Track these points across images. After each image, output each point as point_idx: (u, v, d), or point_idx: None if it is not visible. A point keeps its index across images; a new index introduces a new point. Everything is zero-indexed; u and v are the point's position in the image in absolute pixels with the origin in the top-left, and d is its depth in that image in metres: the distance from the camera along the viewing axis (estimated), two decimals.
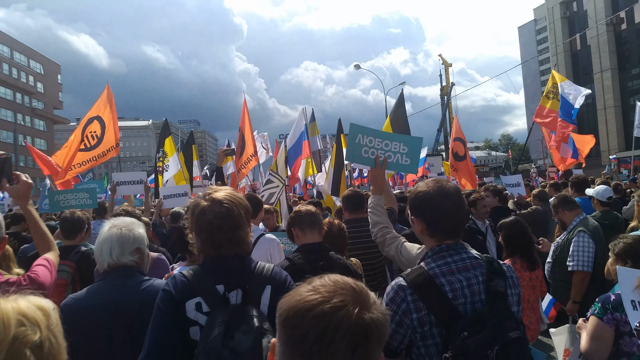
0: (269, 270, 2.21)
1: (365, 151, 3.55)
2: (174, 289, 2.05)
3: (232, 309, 1.98)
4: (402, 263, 2.78)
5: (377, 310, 1.02)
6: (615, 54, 48.75)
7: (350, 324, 0.96)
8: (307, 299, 1.00)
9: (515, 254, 4.48)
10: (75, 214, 4.47)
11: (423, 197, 2.15)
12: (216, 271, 2.12)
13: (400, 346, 1.99)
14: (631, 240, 3.13)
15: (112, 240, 2.58)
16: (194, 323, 2.00)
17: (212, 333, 1.85)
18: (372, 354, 1.00)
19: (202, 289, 2.05)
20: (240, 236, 2.18)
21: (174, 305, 2.02)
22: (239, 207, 2.18)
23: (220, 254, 2.15)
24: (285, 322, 1.01)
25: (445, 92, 57.07)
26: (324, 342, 0.94)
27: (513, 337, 1.82)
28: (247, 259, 2.23)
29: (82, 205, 7.19)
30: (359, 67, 38.55)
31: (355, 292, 1.03)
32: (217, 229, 2.11)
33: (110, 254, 2.56)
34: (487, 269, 2.04)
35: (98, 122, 9.96)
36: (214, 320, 1.91)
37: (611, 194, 6.15)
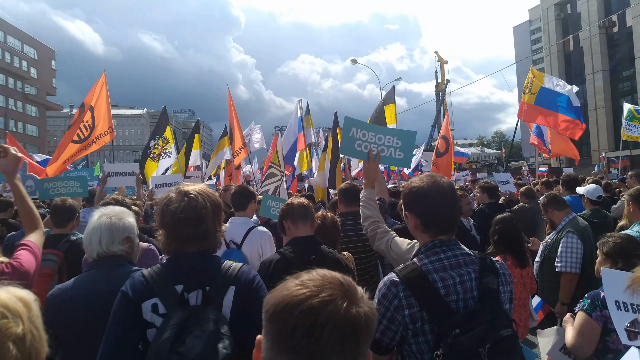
0: (234, 270, 2.08)
1: (359, 144, 3.53)
2: (131, 290, 1.97)
3: (189, 311, 1.87)
4: (392, 258, 2.77)
5: (365, 305, 1.01)
6: (607, 56, 49.08)
7: (338, 319, 0.95)
8: (295, 293, 0.99)
9: (506, 251, 4.48)
10: (66, 202, 4.41)
11: (417, 192, 2.14)
12: (176, 270, 2.02)
13: (392, 343, 1.98)
14: (620, 240, 3.14)
15: (101, 229, 2.53)
16: (150, 325, 1.91)
17: (163, 336, 1.75)
18: (360, 348, 0.99)
19: (159, 289, 1.95)
20: (206, 231, 2.08)
21: (130, 306, 1.93)
22: (206, 201, 2.09)
23: (183, 252, 2.05)
24: (273, 316, 1.00)
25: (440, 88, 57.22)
26: (312, 336, 0.93)
27: (505, 335, 1.82)
28: (212, 257, 2.13)
29: (73, 194, 7.09)
30: (355, 62, 38.52)
31: (344, 287, 1.02)
32: (180, 221, 2.02)
33: (99, 243, 2.52)
34: (480, 266, 2.03)
35: (90, 111, 9.87)
36: (167, 323, 1.82)
37: (601, 192, 6.20)
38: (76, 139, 9.57)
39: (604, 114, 47.60)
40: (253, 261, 3.96)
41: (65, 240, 4.12)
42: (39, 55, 71.69)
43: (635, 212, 4.40)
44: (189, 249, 2.06)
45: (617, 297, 2.31)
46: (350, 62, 38.39)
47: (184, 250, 2.06)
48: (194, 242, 2.05)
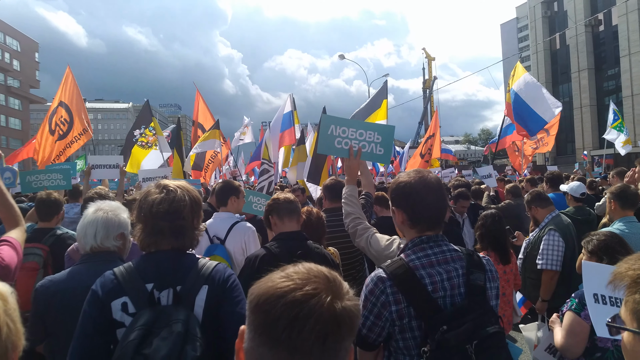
0: (208, 268, 2.02)
1: (339, 142, 3.48)
2: (101, 288, 1.92)
3: (158, 311, 1.82)
4: (371, 254, 2.76)
5: (349, 300, 1.01)
6: (593, 54, 49.69)
7: (321, 313, 0.94)
8: (279, 285, 0.99)
9: (489, 247, 4.53)
10: (51, 196, 4.36)
11: (404, 187, 2.12)
12: (148, 268, 1.97)
13: (379, 339, 1.98)
14: (604, 237, 3.15)
15: (97, 223, 2.53)
16: (120, 324, 1.86)
17: (129, 337, 1.70)
18: (342, 343, 0.99)
19: (129, 287, 1.90)
20: (182, 227, 2.04)
21: (99, 305, 1.88)
22: (185, 195, 2.06)
23: (157, 249, 2.02)
24: (256, 307, 0.99)
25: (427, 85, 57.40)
26: (294, 329, 0.93)
27: (491, 331, 1.82)
28: (186, 255, 2.07)
29: (56, 187, 7.00)
30: (343, 58, 38.42)
31: (329, 281, 1.01)
32: (157, 213, 1.99)
33: (94, 237, 2.52)
34: (467, 262, 2.03)
35: (63, 108, 9.85)
36: (134, 324, 1.77)
37: (584, 190, 6.28)
38: (56, 136, 9.56)
39: (588, 112, 48.26)
40: (237, 256, 3.93)
41: (50, 234, 4.07)
42: (22, 47, 70.49)
43: (617, 209, 4.46)
44: (163, 245, 2.02)
45: (595, 290, 2.30)
46: (338, 57, 38.28)
47: (159, 246, 2.02)
48: (170, 236, 2.01)
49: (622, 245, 3.08)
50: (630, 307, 1.17)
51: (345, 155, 3.45)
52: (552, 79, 54.84)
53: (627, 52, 44.27)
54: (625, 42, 44.35)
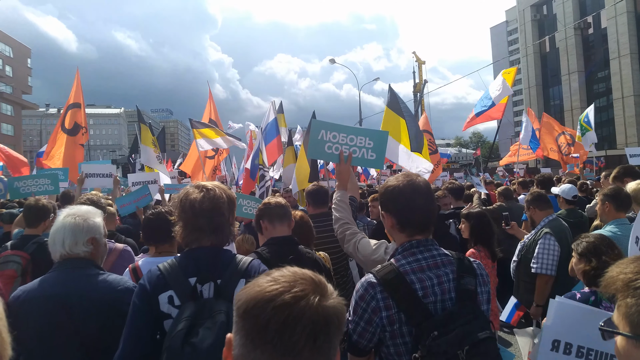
0: (245, 263, 2.18)
1: (329, 147, 3.47)
2: (149, 283, 2.05)
3: (201, 304, 1.95)
4: (359, 259, 2.75)
5: (335, 299, 1.03)
6: (583, 57, 50.14)
7: (311, 313, 0.96)
8: (268, 289, 0.99)
9: (479, 244, 4.63)
10: (39, 202, 4.32)
11: (393, 191, 2.12)
12: (190, 264, 2.11)
13: (370, 345, 1.96)
14: (593, 239, 3.16)
15: (65, 229, 2.48)
16: (167, 316, 2.00)
17: (176, 328, 1.83)
18: (332, 342, 1.00)
19: (174, 281, 2.04)
20: (221, 223, 2.17)
21: (147, 299, 2.02)
22: (224, 195, 2.20)
23: (198, 245, 2.15)
24: (245, 313, 0.99)
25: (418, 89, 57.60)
26: (285, 331, 0.94)
27: (483, 337, 1.81)
28: (224, 251, 2.21)
29: (44, 192, 6.95)
30: (334, 62, 38.56)
31: (315, 282, 1.03)
32: (199, 211, 2.11)
33: (62, 244, 2.47)
34: (458, 267, 2.02)
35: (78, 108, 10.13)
36: (181, 315, 1.90)
37: (576, 192, 6.31)
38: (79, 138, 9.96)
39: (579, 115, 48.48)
40: None
41: (33, 242, 4.01)
42: (15, 53, 70.12)
43: (611, 211, 4.44)
44: (203, 241, 2.15)
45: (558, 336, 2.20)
46: (329, 62, 38.40)
47: (200, 242, 2.15)
48: (210, 233, 2.15)
49: (610, 247, 3.08)
50: (622, 311, 1.17)
51: (336, 161, 3.44)
52: (542, 82, 55.31)
53: (616, 55, 44.72)
54: (614, 44, 44.81)
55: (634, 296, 1.14)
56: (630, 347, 1.16)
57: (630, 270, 1.18)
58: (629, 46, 43.59)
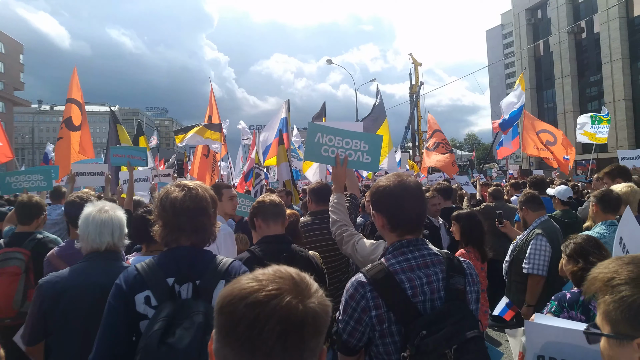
0: (225, 264, 2.15)
1: (325, 150, 3.52)
2: (125, 283, 2.03)
3: (179, 304, 1.92)
4: (358, 260, 2.77)
5: (315, 300, 1.00)
6: (576, 61, 50.38)
7: (282, 313, 0.94)
8: (244, 287, 0.99)
9: (469, 244, 4.66)
10: (33, 199, 4.31)
11: (384, 191, 2.14)
12: (168, 264, 2.07)
13: (359, 344, 1.98)
14: (580, 240, 3.20)
15: (113, 222, 2.66)
16: (143, 317, 1.97)
17: (153, 328, 1.80)
18: (306, 344, 0.97)
19: (151, 281, 2.01)
20: (202, 223, 2.15)
21: (124, 299, 1.99)
22: (205, 194, 2.17)
23: (177, 245, 2.11)
24: (220, 309, 0.99)
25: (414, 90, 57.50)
26: (254, 330, 0.93)
27: (471, 336, 1.82)
28: (204, 251, 2.18)
29: (36, 188, 6.91)
30: (330, 62, 38.50)
31: (294, 281, 1.01)
32: (180, 210, 2.08)
33: (112, 235, 2.64)
34: (447, 266, 2.03)
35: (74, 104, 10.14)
36: (158, 315, 1.87)
37: (571, 193, 6.35)
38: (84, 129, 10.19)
39: (572, 118, 48.74)
40: None
41: (31, 239, 4.01)
42: (7, 49, 69.43)
43: (599, 212, 4.50)
44: (183, 241, 2.12)
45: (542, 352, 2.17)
46: (326, 62, 38.36)
47: (179, 242, 2.11)
48: (190, 233, 2.11)
49: (597, 247, 3.12)
50: (601, 310, 1.17)
51: (332, 164, 3.48)
52: (536, 85, 55.51)
53: (608, 59, 44.95)
54: (607, 49, 45.04)
55: (611, 293, 1.13)
56: (612, 348, 1.15)
57: (609, 269, 1.17)
58: (620, 51, 43.83)
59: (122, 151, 7.92)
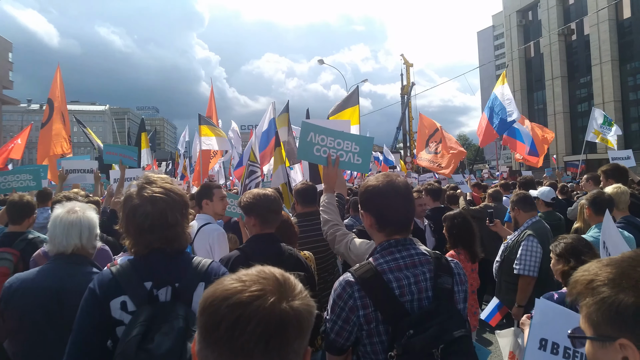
0: (204, 266, 2.05)
1: (317, 149, 3.53)
2: (98, 287, 1.91)
3: (157, 308, 1.84)
4: (352, 260, 2.76)
5: (299, 301, 0.99)
6: (566, 62, 50.82)
7: (264, 314, 0.93)
8: (227, 287, 0.99)
9: (458, 245, 4.66)
10: (24, 198, 4.26)
11: (372, 191, 2.15)
12: (145, 267, 1.97)
13: (347, 343, 1.98)
14: (571, 240, 3.21)
15: (81, 223, 2.58)
16: (119, 323, 1.86)
17: (131, 334, 1.72)
18: (288, 346, 0.97)
19: (128, 286, 1.90)
20: (175, 234, 2.02)
21: (98, 304, 1.88)
22: (173, 204, 2.01)
23: (152, 250, 2.00)
24: (203, 309, 0.99)
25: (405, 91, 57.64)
26: (235, 331, 0.92)
27: (458, 335, 1.83)
28: (182, 254, 2.07)
29: (25, 188, 6.83)
30: (322, 63, 38.54)
31: (278, 282, 1.00)
32: (148, 230, 1.95)
33: (80, 237, 2.56)
34: (435, 266, 2.03)
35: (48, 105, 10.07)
36: (136, 320, 1.78)
37: (554, 195, 6.39)
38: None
39: (562, 119, 49.28)
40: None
41: (22, 239, 3.98)
42: None
43: (592, 215, 4.49)
44: (157, 247, 2.00)
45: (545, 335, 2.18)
46: (317, 62, 38.41)
47: (152, 249, 2.00)
48: (161, 244, 1.99)
49: (588, 247, 3.13)
50: (584, 312, 1.17)
51: (323, 163, 3.49)
52: (527, 86, 55.92)
53: (598, 61, 45.41)
54: (596, 51, 45.50)
55: (592, 295, 1.13)
56: (597, 350, 1.14)
57: (590, 272, 1.18)
58: (610, 53, 44.31)
59: (115, 149, 7.92)
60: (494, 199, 8.01)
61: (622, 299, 1.07)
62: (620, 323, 1.07)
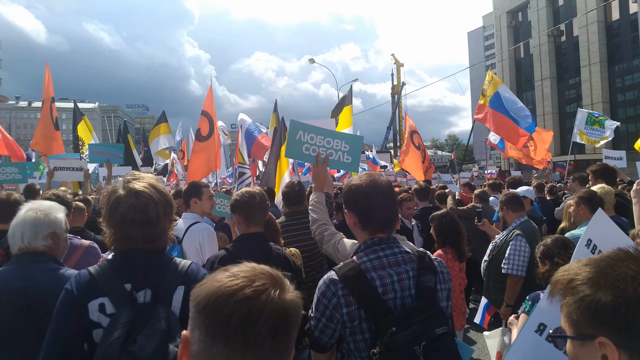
0: (183, 268, 2.02)
1: (307, 148, 3.52)
2: (76, 289, 1.87)
3: (138, 309, 1.80)
4: (339, 259, 2.75)
5: (293, 294, 1.05)
6: (555, 63, 51.25)
7: (272, 307, 0.98)
8: (228, 284, 1.00)
9: (446, 245, 4.69)
10: (11, 196, 4.22)
11: (355, 190, 2.17)
12: (124, 268, 1.93)
13: (331, 341, 2.00)
14: (549, 242, 3.24)
15: (25, 223, 2.46)
16: (97, 325, 1.82)
17: (112, 336, 1.68)
18: (291, 335, 1.02)
19: (107, 287, 1.86)
20: (156, 232, 1.99)
21: (75, 306, 1.84)
22: (157, 202, 1.98)
23: (131, 249, 1.96)
24: (206, 308, 0.99)
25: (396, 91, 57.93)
26: (247, 325, 0.95)
27: (439, 333, 1.84)
28: (161, 255, 2.04)
29: (10, 181, 6.85)
30: (313, 62, 38.55)
31: (273, 277, 1.05)
32: (130, 223, 1.91)
33: (22, 238, 2.45)
34: (418, 264, 2.06)
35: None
36: (116, 322, 1.74)
37: (532, 195, 6.41)
38: None
39: (551, 120, 49.70)
40: (191, 257, 3.89)
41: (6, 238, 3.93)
42: None
43: (586, 213, 4.44)
44: (137, 246, 1.96)
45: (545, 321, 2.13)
46: (308, 61, 38.42)
47: (132, 247, 1.96)
48: (142, 242, 1.96)
49: (564, 249, 3.13)
50: (564, 312, 1.18)
51: (313, 162, 3.48)
52: (516, 87, 56.23)
53: (587, 63, 45.86)
54: (585, 52, 45.95)
55: (572, 294, 1.14)
56: (577, 350, 1.15)
57: (569, 272, 1.19)
58: (598, 54, 44.78)
59: (100, 148, 7.88)
60: (481, 200, 8.06)
61: (600, 298, 1.08)
62: (598, 321, 1.09)
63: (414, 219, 6.53)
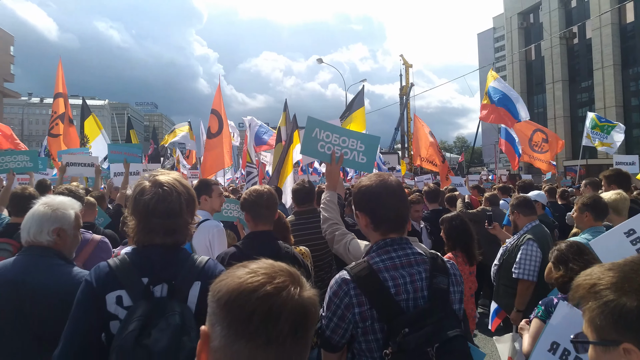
0: (200, 264, 2.06)
1: (322, 146, 3.50)
2: (95, 280, 1.93)
3: (154, 303, 1.85)
4: (350, 260, 2.74)
5: (311, 291, 1.06)
6: (567, 66, 50.77)
7: (293, 304, 0.99)
8: (249, 281, 1.01)
9: (456, 248, 4.64)
10: (26, 190, 4.29)
11: (366, 191, 2.17)
12: (143, 262, 1.99)
13: (342, 340, 1.99)
14: (564, 247, 3.21)
15: (33, 217, 2.51)
16: (114, 317, 1.88)
17: (128, 328, 1.73)
18: (309, 331, 1.04)
19: (125, 280, 1.92)
20: (177, 225, 2.04)
21: (93, 298, 1.90)
22: (180, 194, 2.05)
23: (151, 243, 2.02)
24: (228, 304, 1.00)
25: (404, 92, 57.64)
26: (269, 322, 0.97)
27: (452, 335, 1.83)
28: (179, 250, 2.09)
29: (22, 169, 6.93)
30: (321, 62, 38.55)
31: (291, 274, 1.06)
32: (152, 211, 1.98)
33: (28, 232, 2.50)
34: (431, 266, 2.05)
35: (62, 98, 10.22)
36: (132, 315, 1.79)
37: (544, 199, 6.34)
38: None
39: (562, 123, 49.25)
40: (201, 254, 3.89)
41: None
42: None
43: (590, 220, 4.39)
44: (157, 240, 2.02)
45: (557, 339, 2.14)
46: (316, 61, 38.44)
47: (153, 241, 2.02)
48: (163, 235, 2.02)
49: (578, 254, 3.10)
50: (587, 317, 1.16)
51: (327, 160, 3.47)
52: (527, 89, 55.86)
53: (600, 66, 45.36)
54: (598, 55, 45.44)
55: (595, 299, 1.13)
56: (600, 354, 1.14)
57: (592, 276, 1.17)
58: (612, 57, 44.25)
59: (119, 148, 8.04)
60: (491, 203, 7.99)
61: (625, 303, 1.07)
62: (623, 327, 1.07)
63: (422, 221, 6.50)
